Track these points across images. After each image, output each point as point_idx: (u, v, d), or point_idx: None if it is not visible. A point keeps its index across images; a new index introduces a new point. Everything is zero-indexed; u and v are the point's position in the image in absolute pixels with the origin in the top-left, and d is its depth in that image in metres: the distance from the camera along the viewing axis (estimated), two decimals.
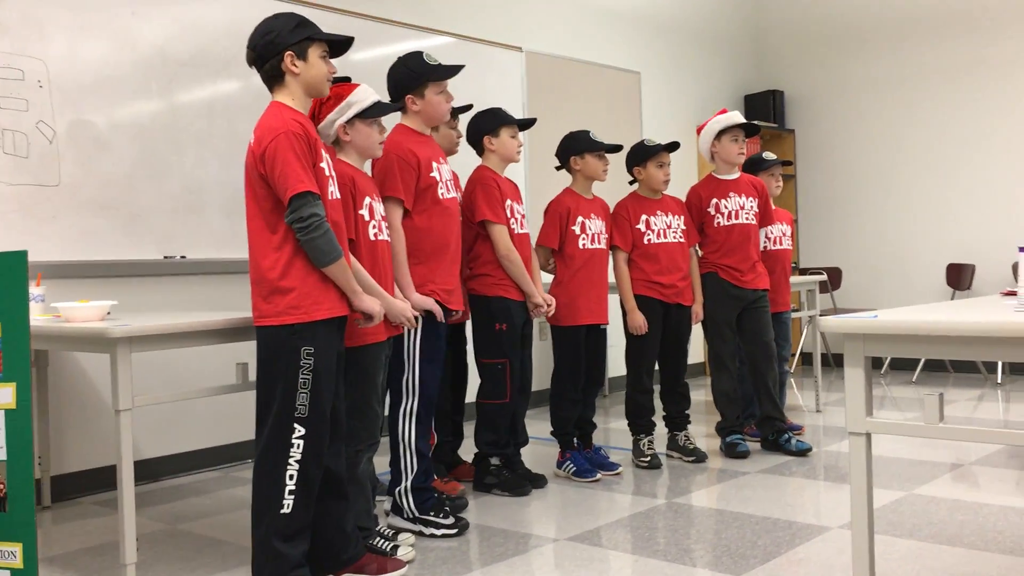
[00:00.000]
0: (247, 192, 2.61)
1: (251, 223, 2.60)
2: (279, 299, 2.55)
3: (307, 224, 2.50)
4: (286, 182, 2.50)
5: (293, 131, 2.53)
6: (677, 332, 4.34)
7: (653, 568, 2.88)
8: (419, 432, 3.32)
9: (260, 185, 2.56)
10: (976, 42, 7.19)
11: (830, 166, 7.97)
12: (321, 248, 2.54)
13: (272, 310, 2.56)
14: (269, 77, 2.65)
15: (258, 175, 2.55)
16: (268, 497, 2.57)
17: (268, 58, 2.61)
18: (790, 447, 4.44)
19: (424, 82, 3.35)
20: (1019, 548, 2.96)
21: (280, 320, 2.56)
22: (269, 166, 2.52)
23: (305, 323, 2.56)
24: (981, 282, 7.13)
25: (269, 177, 2.53)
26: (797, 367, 7.65)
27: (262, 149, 2.52)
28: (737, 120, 4.44)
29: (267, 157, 2.51)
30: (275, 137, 2.52)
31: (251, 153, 2.58)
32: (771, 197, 4.76)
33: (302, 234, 2.51)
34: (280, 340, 2.57)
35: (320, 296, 2.59)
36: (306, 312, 2.56)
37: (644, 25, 7.19)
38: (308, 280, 2.57)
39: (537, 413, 5.66)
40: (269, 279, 2.56)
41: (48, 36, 3.93)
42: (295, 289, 2.55)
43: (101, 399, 4.14)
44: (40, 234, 3.88)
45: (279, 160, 2.50)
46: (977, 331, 1.93)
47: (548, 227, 4.08)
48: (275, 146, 2.51)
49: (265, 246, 2.57)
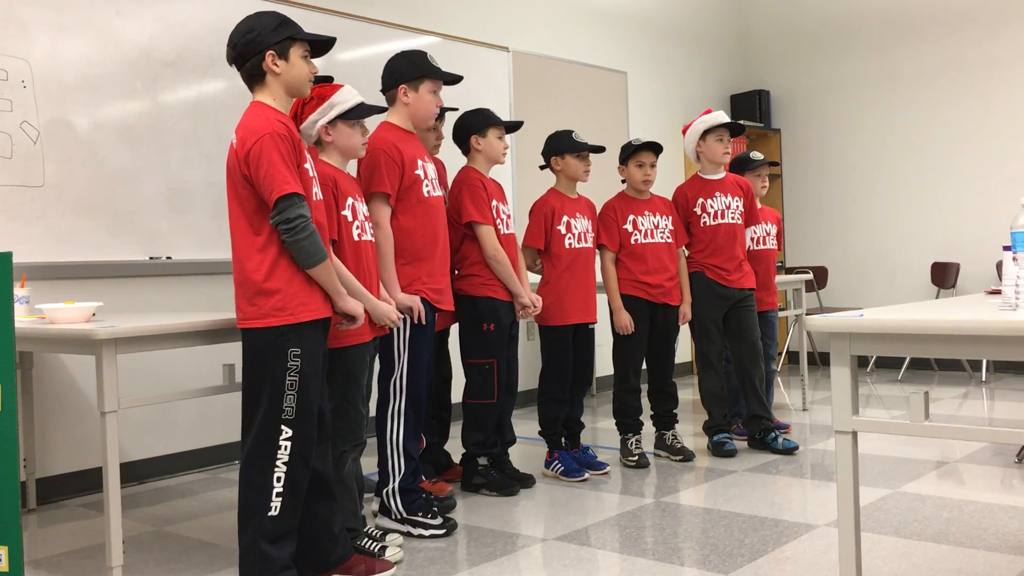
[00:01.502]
0: (229, 194, 2.59)
1: (234, 224, 2.58)
2: (264, 301, 2.54)
3: (293, 226, 2.49)
4: (272, 183, 2.48)
5: (278, 132, 2.52)
6: (664, 332, 4.35)
7: (641, 567, 2.89)
8: (407, 433, 3.31)
9: (243, 186, 2.54)
10: (961, 42, 7.23)
11: (816, 165, 8.01)
12: (306, 250, 2.53)
13: (257, 312, 2.55)
14: (250, 76, 2.63)
15: (242, 176, 2.53)
16: (255, 499, 2.56)
17: (249, 57, 2.59)
18: (777, 446, 4.45)
19: (422, 77, 3.34)
20: (1004, 545, 2.98)
21: (265, 322, 2.54)
22: (254, 167, 2.50)
23: (291, 325, 2.55)
24: (966, 281, 7.18)
25: (254, 178, 2.51)
26: (784, 366, 7.68)
27: (246, 150, 2.51)
28: (722, 120, 4.45)
29: (251, 158, 2.50)
30: (259, 138, 2.50)
31: (234, 154, 2.56)
32: (757, 197, 4.77)
33: (288, 236, 2.50)
34: (266, 342, 2.56)
35: (305, 298, 2.58)
36: (292, 314, 2.55)
37: (630, 25, 7.20)
38: (293, 282, 2.56)
39: (524, 413, 5.66)
40: (254, 281, 2.54)
41: (31, 36, 3.91)
42: (280, 291, 2.54)
43: (86, 401, 4.11)
44: (24, 235, 3.86)
45: (264, 161, 2.49)
46: (962, 330, 1.94)
47: (533, 227, 4.08)
48: (260, 147, 2.49)
49: (249, 248, 2.55)
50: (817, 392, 6.36)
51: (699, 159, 4.54)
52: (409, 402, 3.31)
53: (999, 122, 7.07)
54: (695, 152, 4.53)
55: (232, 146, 2.58)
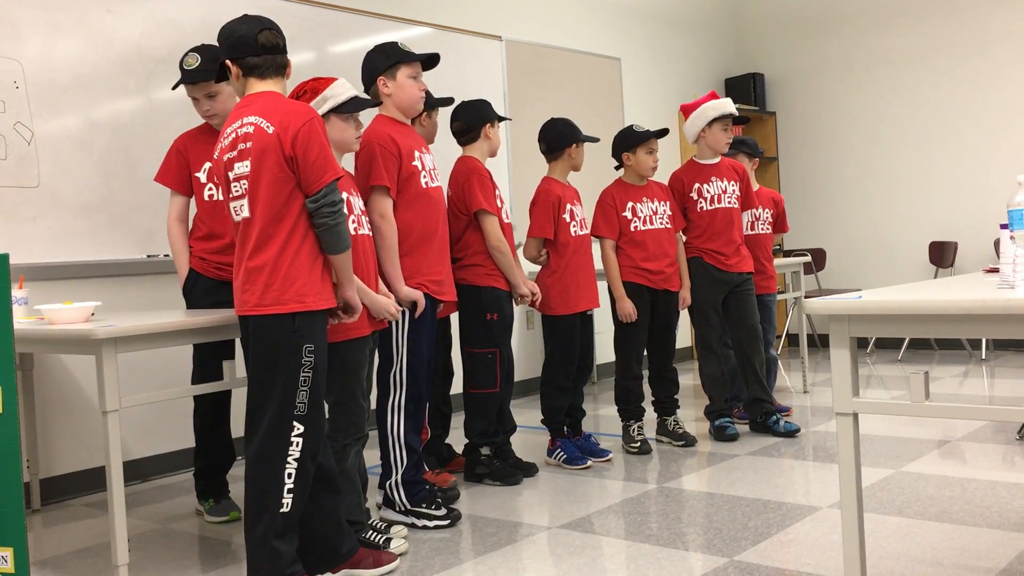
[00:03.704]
0: (253, 179, 2.51)
1: (259, 210, 2.51)
2: (286, 287, 2.51)
3: (336, 209, 2.51)
4: (325, 165, 2.50)
5: (319, 117, 2.56)
6: (665, 318, 4.36)
7: (645, 553, 2.89)
8: (408, 426, 3.31)
9: (281, 169, 2.49)
10: (955, 21, 7.21)
11: (812, 148, 8.00)
12: (341, 234, 2.55)
13: (279, 297, 2.51)
14: (249, 68, 2.62)
15: (281, 158, 2.48)
16: (267, 495, 2.54)
17: (238, 57, 2.62)
18: (778, 428, 4.46)
19: (396, 63, 3.30)
20: (1007, 522, 2.99)
21: (287, 308, 2.51)
22: (303, 148, 2.48)
23: (306, 320, 2.53)
24: (964, 260, 7.18)
25: (301, 159, 2.48)
26: (784, 348, 7.68)
27: (294, 131, 2.48)
28: (730, 109, 4.42)
29: (300, 139, 2.48)
30: (309, 120, 2.51)
31: (272, 138, 2.48)
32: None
33: (330, 219, 2.50)
34: (281, 333, 2.52)
35: (321, 287, 2.58)
36: (313, 301, 2.54)
37: (623, 11, 7.17)
38: (314, 270, 2.55)
39: (526, 402, 5.67)
40: (275, 267, 2.51)
41: (23, 36, 3.90)
42: (300, 278, 2.52)
43: (88, 400, 4.12)
44: (21, 236, 3.85)
45: (315, 143, 2.49)
46: (961, 309, 1.94)
47: (542, 217, 4.06)
48: (310, 128, 2.50)
49: (274, 233, 2.51)
50: (818, 374, 6.37)
51: (697, 142, 4.52)
52: (409, 395, 3.31)
53: (994, 100, 7.06)
54: (696, 135, 4.49)
55: (262, 131, 2.50)
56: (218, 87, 3.31)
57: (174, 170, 3.47)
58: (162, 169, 3.50)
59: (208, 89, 3.33)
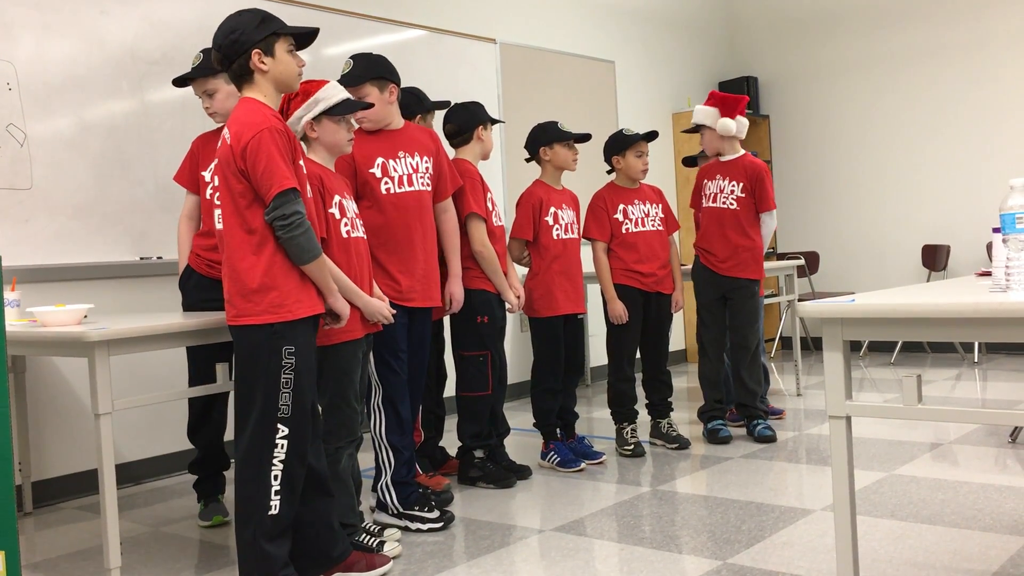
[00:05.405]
0: (221, 191, 2.56)
1: (227, 222, 2.56)
2: (260, 298, 2.53)
3: (289, 222, 2.48)
4: (271, 178, 2.47)
5: (275, 127, 2.51)
6: (658, 320, 4.36)
7: (639, 556, 2.90)
8: (388, 426, 3.30)
9: (238, 181, 2.51)
10: (947, 23, 7.24)
11: (805, 151, 8.01)
12: (302, 246, 2.52)
13: (253, 309, 2.53)
14: (238, 76, 2.61)
15: (237, 171, 2.51)
16: (254, 498, 2.55)
17: (235, 57, 2.57)
18: (756, 434, 4.46)
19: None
20: (999, 525, 3.00)
21: (261, 319, 2.53)
22: (251, 162, 2.48)
23: (286, 322, 2.54)
24: (956, 263, 7.20)
25: (251, 173, 2.49)
26: (777, 351, 7.70)
27: (243, 144, 2.48)
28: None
29: (249, 152, 2.48)
30: (258, 132, 2.49)
31: (228, 149, 2.52)
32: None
33: (284, 231, 2.49)
34: (260, 340, 2.54)
35: (301, 295, 2.57)
36: (288, 311, 2.54)
37: (617, 14, 7.19)
38: (289, 279, 2.55)
39: (519, 405, 5.66)
40: (248, 278, 2.52)
41: (15, 37, 3.89)
42: (276, 288, 2.53)
43: (80, 403, 4.10)
44: (14, 238, 3.84)
45: (263, 155, 2.47)
46: (953, 312, 1.94)
47: (522, 219, 4.07)
48: (258, 141, 2.48)
49: (243, 245, 2.53)
50: (811, 377, 6.38)
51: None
52: (386, 395, 3.30)
53: (987, 103, 7.08)
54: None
55: (225, 142, 2.55)
56: (215, 86, 3.32)
57: (187, 170, 3.54)
58: (179, 169, 3.58)
59: (205, 87, 3.36)
